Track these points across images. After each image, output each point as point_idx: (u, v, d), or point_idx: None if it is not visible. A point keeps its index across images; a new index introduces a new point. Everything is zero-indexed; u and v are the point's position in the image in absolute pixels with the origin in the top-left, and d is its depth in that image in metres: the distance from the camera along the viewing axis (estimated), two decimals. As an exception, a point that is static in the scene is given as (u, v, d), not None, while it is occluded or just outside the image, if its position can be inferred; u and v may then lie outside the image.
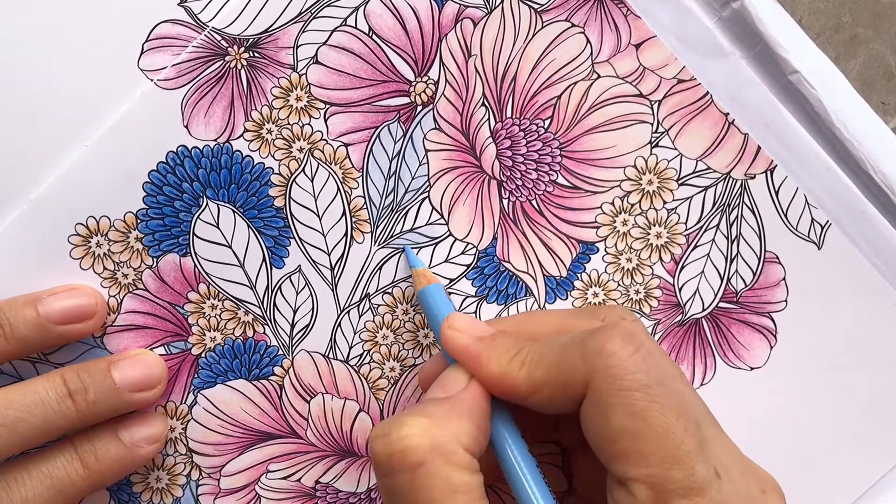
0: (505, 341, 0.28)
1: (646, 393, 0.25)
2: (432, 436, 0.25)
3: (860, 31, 0.39)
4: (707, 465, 0.25)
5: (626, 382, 0.25)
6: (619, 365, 0.25)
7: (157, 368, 0.32)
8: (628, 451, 0.25)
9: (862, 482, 0.36)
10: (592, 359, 0.26)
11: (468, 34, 0.33)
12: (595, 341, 0.26)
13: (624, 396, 0.25)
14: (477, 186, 0.34)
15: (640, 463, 0.24)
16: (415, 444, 0.25)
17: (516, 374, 0.27)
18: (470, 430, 0.26)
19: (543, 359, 0.27)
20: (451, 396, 0.27)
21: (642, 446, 0.24)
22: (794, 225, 0.35)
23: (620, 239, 0.35)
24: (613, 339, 0.26)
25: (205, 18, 0.32)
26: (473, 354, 0.28)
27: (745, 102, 0.34)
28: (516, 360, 0.27)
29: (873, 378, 0.36)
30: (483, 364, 0.28)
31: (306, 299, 0.34)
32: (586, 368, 0.26)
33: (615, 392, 0.25)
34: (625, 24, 0.33)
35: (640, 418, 0.25)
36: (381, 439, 0.26)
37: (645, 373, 0.25)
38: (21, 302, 0.30)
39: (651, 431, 0.24)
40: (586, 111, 0.34)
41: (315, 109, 0.33)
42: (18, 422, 0.29)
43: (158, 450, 0.33)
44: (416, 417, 0.26)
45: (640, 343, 0.26)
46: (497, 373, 0.27)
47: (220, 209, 0.33)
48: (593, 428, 0.26)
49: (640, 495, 0.24)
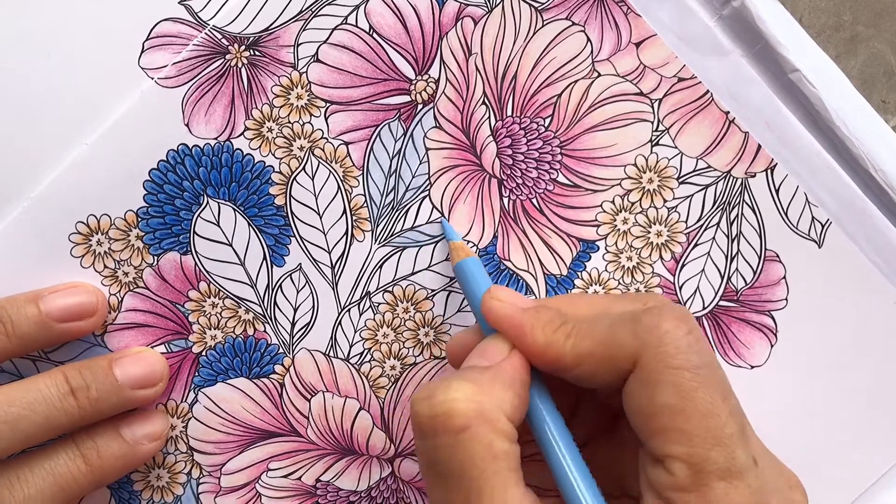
0: (548, 313, 0.28)
1: (695, 373, 0.25)
2: (478, 401, 0.25)
3: (861, 29, 0.39)
4: (747, 451, 0.25)
5: (678, 361, 0.25)
6: (672, 343, 0.25)
7: (158, 366, 0.32)
8: (671, 428, 0.25)
9: (862, 480, 0.36)
10: (645, 335, 0.26)
11: (469, 33, 0.33)
12: (650, 318, 0.26)
13: (674, 374, 0.25)
14: (477, 185, 0.34)
15: (681, 441, 0.24)
16: (460, 409, 0.25)
17: (561, 345, 0.27)
18: (512, 399, 0.26)
19: (592, 331, 0.27)
20: (494, 365, 0.27)
21: (686, 425, 0.25)
22: (794, 223, 0.35)
23: (621, 237, 0.35)
24: (668, 318, 0.26)
25: (205, 17, 0.32)
26: (517, 324, 0.28)
27: (745, 101, 0.34)
28: (561, 331, 0.27)
29: (873, 376, 0.36)
30: (527, 334, 0.28)
31: (307, 297, 0.34)
32: (637, 344, 0.26)
33: (665, 369, 0.25)
34: (625, 22, 0.34)
35: (687, 397, 0.25)
36: (425, 401, 0.26)
37: (697, 354, 0.25)
38: (22, 299, 0.30)
39: (696, 411, 0.25)
40: (587, 110, 0.34)
41: (316, 108, 0.33)
42: (21, 419, 0.29)
43: (160, 447, 0.33)
44: (463, 382, 0.26)
45: (693, 325, 0.26)
46: (542, 342, 0.27)
47: (220, 207, 0.33)
48: (637, 403, 0.26)
49: (678, 473, 0.24)
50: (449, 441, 0.25)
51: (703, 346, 0.26)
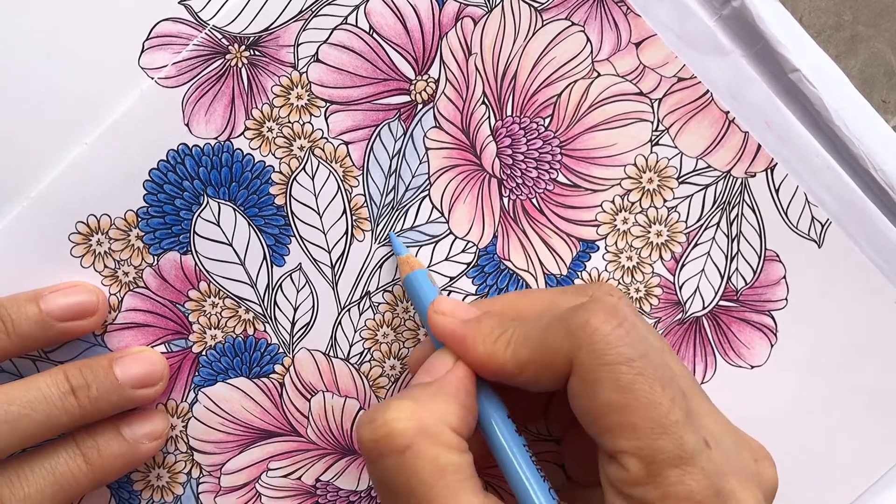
0: (490, 322, 0.28)
1: (630, 366, 0.25)
2: (418, 418, 0.25)
3: (861, 29, 0.39)
4: (696, 435, 0.25)
5: (611, 357, 0.25)
6: (602, 340, 0.25)
7: (158, 365, 0.32)
8: (616, 424, 0.25)
9: (862, 480, 0.36)
10: (576, 334, 0.26)
11: (468, 33, 0.33)
12: (578, 317, 0.26)
13: (609, 370, 0.25)
14: (477, 185, 0.34)
15: (629, 436, 0.24)
16: (401, 428, 0.25)
17: (502, 355, 0.27)
18: (456, 410, 0.26)
19: (528, 337, 0.27)
20: (437, 379, 0.28)
21: (630, 418, 0.24)
22: (794, 223, 0.35)
23: (621, 237, 0.35)
24: (596, 314, 0.26)
25: (205, 17, 0.32)
26: (460, 337, 0.28)
27: (745, 101, 0.34)
28: (501, 340, 0.27)
29: (873, 376, 0.36)
30: (469, 346, 0.28)
31: (307, 297, 0.34)
32: (570, 345, 0.26)
33: (600, 367, 0.25)
34: (625, 22, 0.34)
35: (626, 391, 0.25)
36: (367, 426, 0.26)
37: (629, 346, 0.25)
38: (23, 298, 0.30)
39: (638, 403, 0.24)
40: (586, 109, 0.34)
41: (316, 108, 0.33)
42: (21, 418, 0.29)
43: (160, 446, 0.33)
44: (402, 401, 0.26)
45: (623, 317, 0.26)
46: (483, 353, 0.27)
47: (220, 207, 0.33)
48: (581, 403, 0.26)
49: (631, 468, 0.24)
50: (394, 462, 0.25)
51: (636, 337, 0.25)
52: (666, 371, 0.25)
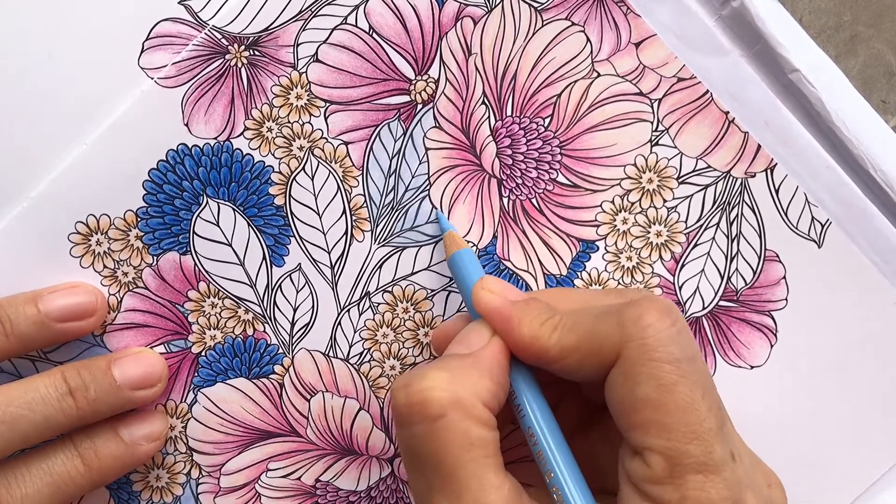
0: (538, 306, 0.28)
1: (676, 367, 0.25)
2: (453, 390, 0.26)
3: (860, 29, 0.39)
4: (725, 447, 0.25)
5: (660, 354, 0.25)
6: (654, 336, 0.25)
7: (157, 367, 0.32)
8: (650, 421, 0.25)
9: (862, 480, 0.36)
10: (628, 327, 0.26)
11: (468, 33, 0.33)
12: (633, 311, 0.26)
13: (655, 367, 0.25)
14: (477, 185, 0.34)
15: (660, 434, 0.25)
16: (436, 397, 0.25)
17: (547, 339, 0.27)
18: (490, 386, 0.27)
19: (577, 325, 0.27)
20: (473, 353, 0.28)
21: (665, 418, 0.25)
22: (794, 223, 0.35)
23: (620, 237, 0.35)
24: (651, 311, 0.26)
25: (205, 17, 0.32)
26: (506, 316, 0.28)
27: (745, 101, 0.34)
28: (548, 324, 0.27)
29: (873, 376, 0.36)
30: (515, 326, 0.28)
31: (306, 298, 0.34)
32: (620, 336, 0.26)
33: (647, 362, 0.25)
34: (625, 22, 0.34)
35: (667, 391, 0.25)
36: (402, 390, 0.26)
37: (679, 347, 0.25)
38: (22, 299, 0.30)
39: (676, 405, 0.25)
40: (586, 110, 0.34)
41: (315, 108, 0.33)
42: (19, 419, 0.29)
43: (158, 448, 0.33)
44: (438, 371, 0.26)
45: (676, 318, 0.26)
46: (528, 335, 0.27)
47: (220, 207, 0.33)
48: (619, 395, 0.26)
49: (655, 466, 0.25)
50: (425, 429, 0.25)
51: (686, 340, 0.26)
52: (708, 380, 0.26)
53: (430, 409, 0.25)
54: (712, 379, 0.27)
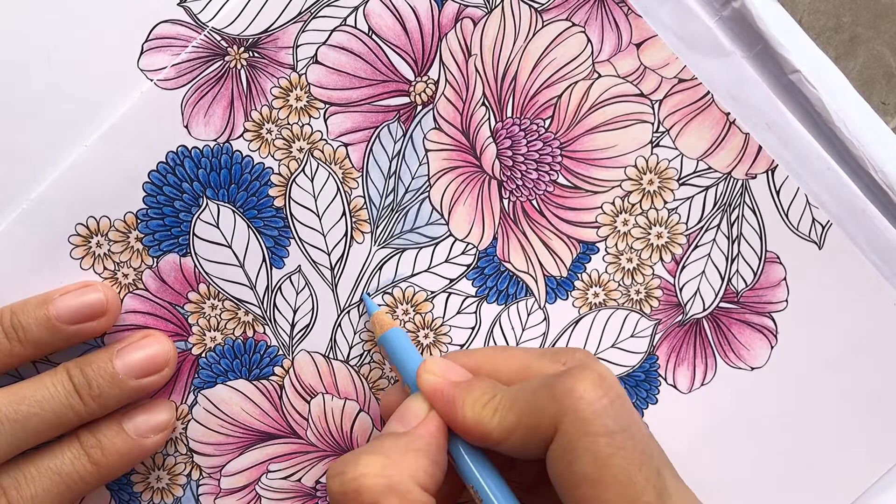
0: (480, 386, 0.28)
1: (611, 439, 0.25)
2: (388, 475, 0.26)
3: (860, 30, 0.39)
4: None
5: (594, 427, 0.25)
6: (587, 408, 0.25)
7: (161, 350, 0.32)
8: (590, 497, 0.25)
9: (862, 481, 0.36)
10: (562, 400, 0.26)
11: (468, 34, 0.33)
12: (565, 383, 0.26)
13: (590, 442, 0.25)
14: (477, 186, 0.34)
15: None
16: (369, 484, 0.25)
17: (489, 421, 0.27)
18: (426, 466, 0.27)
19: (515, 403, 0.27)
20: (409, 432, 0.28)
21: (603, 494, 0.24)
22: (794, 225, 0.35)
23: (621, 239, 0.35)
24: (584, 382, 0.26)
25: (204, 18, 0.32)
26: (449, 399, 0.28)
27: (745, 102, 0.34)
28: (489, 406, 0.27)
29: (873, 378, 0.36)
30: (458, 409, 0.28)
31: (306, 299, 0.34)
32: (555, 410, 0.26)
33: (582, 436, 0.25)
34: (625, 23, 0.33)
35: (603, 465, 0.25)
36: (336, 478, 0.26)
37: (613, 418, 0.25)
38: (33, 304, 0.30)
39: (613, 480, 0.24)
40: (587, 111, 0.34)
41: (315, 109, 0.33)
42: (31, 417, 0.29)
43: (166, 438, 0.32)
44: (372, 455, 0.26)
45: (609, 387, 0.26)
46: (471, 419, 0.27)
47: (220, 209, 0.33)
48: (558, 471, 0.26)
49: None
50: None
51: (620, 409, 0.26)
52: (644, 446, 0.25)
53: (364, 497, 0.25)
54: (652, 442, 0.26)
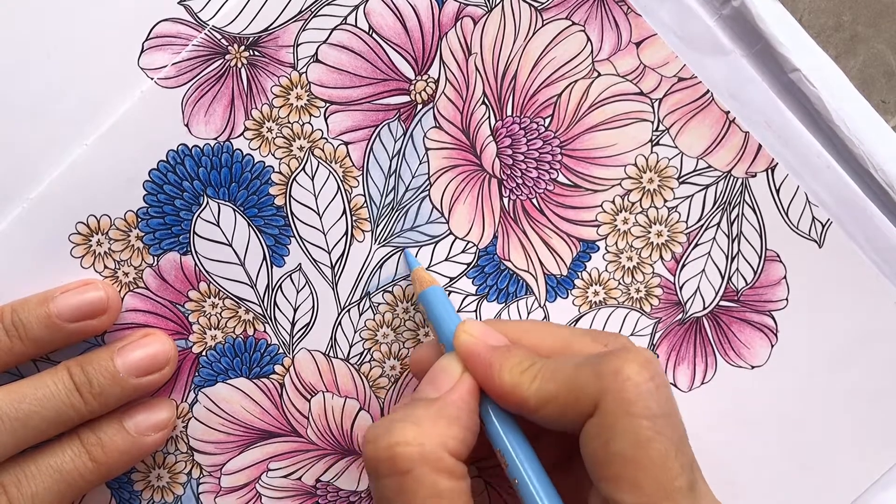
0: (519, 353, 0.28)
1: (653, 423, 0.25)
2: (420, 443, 0.26)
3: (860, 29, 0.39)
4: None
5: (637, 409, 0.25)
6: (633, 390, 0.25)
7: (162, 349, 0.32)
8: (623, 476, 0.25)
9: (862, 480, 0.36)
10: (607, 379, 0.26)
11: (468, 32, 0.33)
12: (613, 363, 0.26)
13: (631, 422, 0.25)
14: (477, 185, 0.34)
15: (631, 490, 0.25)
16: (403, 452, 0.26)
17: (527, 388, 0.27)
18: (457, 433, 0.27)
19: (556, 374, 0.27)
20: (441, 398, 0.28)
21: (638, 474, 0.25)
22: (794, 223, 0.35)
23: (621, 237, 0.35)
24: (631, 364, 0.26)
25: (205, 17, 0.32)
26: (486, 362, 0.28)
27: (745, 101, 0.34)
28: (528, 373, 0.27)
29: (873, 376, 0.36)
30: (495, 374, 0.28)
31: (307, 298, 0.34)
32: (599, 388, 0.26)
33: (623, 416, 0.25)
34: (625, 22, 0.33)
35: (641, 447, 0.25)
36: (372, 444, 0.27)
37: (657, 403, 0.25)
38: (34, 302, 0.30)
39: (650, 462, 0.25)
40: (587, 109, 0.34)
41: (315, 108, 0.33)
42: (32, 415, 0.29)
43: (167, 436, 0.33)
44: (406, 424, 0.26)
45: (655, 372, 0.26)
46: (509, 384, 0.27)
47: (220, 208, 0.33)
48: (593, 447, 0.26)
49: None
50: (395, 483, 0.26)
51: (664, 395, 0.26)
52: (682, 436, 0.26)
53: (398, 464, 0.26)
54: (686, 435, 0.27)
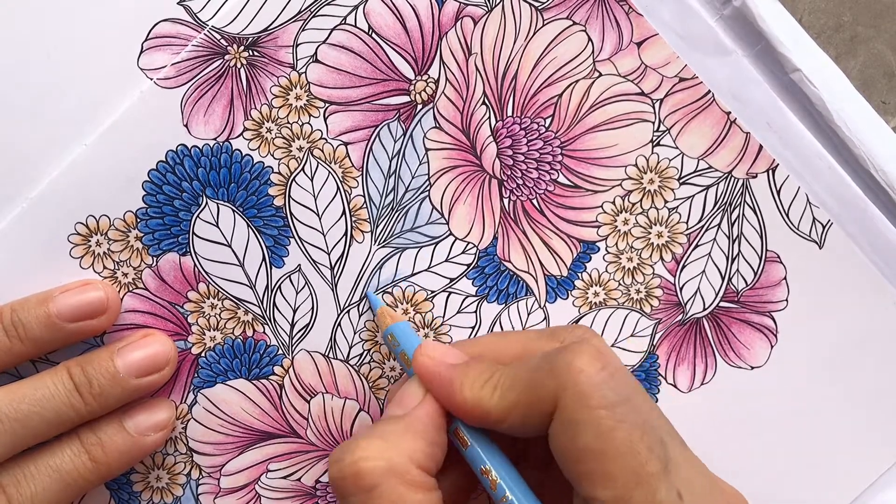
0: (478, 367, 0.28)
1: (612, 412, 0.25)
2: (387, 458, 0.26)
3: (861, 30, 0.39)
4: (670, 488, 0.25)
5: (594, 400, 0.25)
6: (587, 382, 0.25)
7: (162, 350, 0.32)
8: (594, 471, 0.25)
9: (861, 480, 0.36)
10: (561, 375, 0.26)
11: (468, 32, 0.33)
12: (564, 358, 0.26)
13: (591, 415, 0.25)
14: (477, 185, 0.34)
15: (605, 484, 0.24)
16: (368, 467, 0.26)
17: (489, 400, 0.27)
18: (424, 447, 0.27)
19: (515, 381, 0.27)
20: (407, 414, 0.28)
21: (607, 466, 0.24)
22: (795, 224, 0.35)
23: (621, 238, 0.35)
24: (582, 356, 0.26)
25: (204, 17, 0.32)
26: (447, 381, 0.28)
27: (746, 101, 0.34)
28: (488, 385, 0.27)
29: (873, 377, 0.36)
30: (456, 391, 0.28)
31: (306, 299, 0.34)
32: (555, 385, 0.26)
33: (582, 409, 0.25)
34: (626, 21, 0.33)
35: (606, 438, 0.25)
36: (336, 464, 0.26)
37: (613, 391, 0.25)
38: (34, 302, 0.30)
39: (616, 451, 0.24)
40: (587, 110, 0.34)
41: (315, 108, 0.33)
42: (31, 416, 0.29)
43: (167, 436, 0.32)
44: (371, 440, 0.26)
45: (607, 360, 0.26)
46: (470, 399, 0.27)
47: (219, 208, 0.33)
48: (560, 447, 0.26)
49: None
50: (361, 500, 0.26)
51: (620, 381, 0.26)
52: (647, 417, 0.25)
53: (364, 480, 0.25)
54: (656, 412, 0.26)
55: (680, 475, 0.25)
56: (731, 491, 0.28)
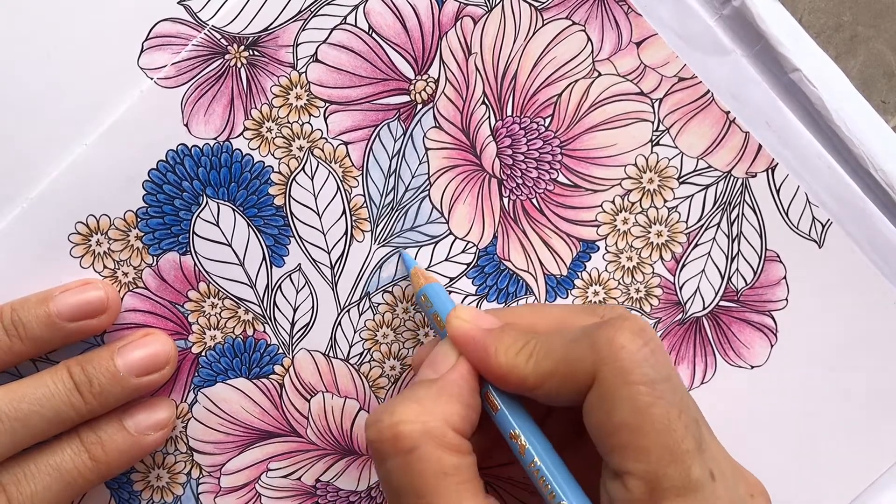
0: (512, 333, 0.28)
1: (652, 388, 0.25)
2: (423, 421, 0.26)
3: (860, 29, 0.39)
4: (703, 466, 0.25)
5: (634, 376, 0.25)
6: (628, 358, 0.25)
7: (162, 349, 0.32)
8: (628, 444, 0.25)
9: (861, 480, 0.36)
10: (602, 350, 0.26)
11: (468, 32, 0.33)
12: (606, 332, 0.26)
13: (630, 390, 0.25)
14: (477, 185, 0.34)
15: (638, 458, 0.25)
16: (406, 430, 0.26)
17: (524, 367, 0.27)
18: (459, 410, 0.27)
19: (552, 351, 0.27)
20: (441, 378, 0.28)
21: (642, 441, 0.25)
22: (794, 223, 0.35)
23: (621, 237, 0.35)
24: (624, 332, 0.26)
25: (205, 17, 0.32)
26: (481, 345, 0.28)
27: (746, 101, 0.34)
28: (524, 352, 0.27)
29: (873, 376, 0.36)
30: (491, 356, 0.28)
31: (306, 298, 0.34)
32: (595, 359, 0.26)
33: (622, 385, 0.25)
34: (626, 21, 0.33)
35: (643, 413, 0.25)
36: (374, 426, 0.27)
37: (653, 368, 0.25)
38: (34, 301, 0.30)
39: (652, 427, 0.25)
40: (587, 109, 0.34)
41: (315, 108, 0.33)
42: (31, 415, 0.29)
43: (167, 435, 0.32)
44: (407, 403, 0.26)
45: (649, 338, 0.26)
46: (504, 364, 0.27)
47: (220, 208, 0.33)
48: (596, 419, 0.26)
49: (634, 490, 0.24)
50: (400, 463, 0.26)
51: (660, 359, 0.26)
52: (683, 397, 0.26)
53: (402, 442, 0.26)
54: (689, 395, 0.27)
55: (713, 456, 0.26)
56: (753, 480, 0.29)
